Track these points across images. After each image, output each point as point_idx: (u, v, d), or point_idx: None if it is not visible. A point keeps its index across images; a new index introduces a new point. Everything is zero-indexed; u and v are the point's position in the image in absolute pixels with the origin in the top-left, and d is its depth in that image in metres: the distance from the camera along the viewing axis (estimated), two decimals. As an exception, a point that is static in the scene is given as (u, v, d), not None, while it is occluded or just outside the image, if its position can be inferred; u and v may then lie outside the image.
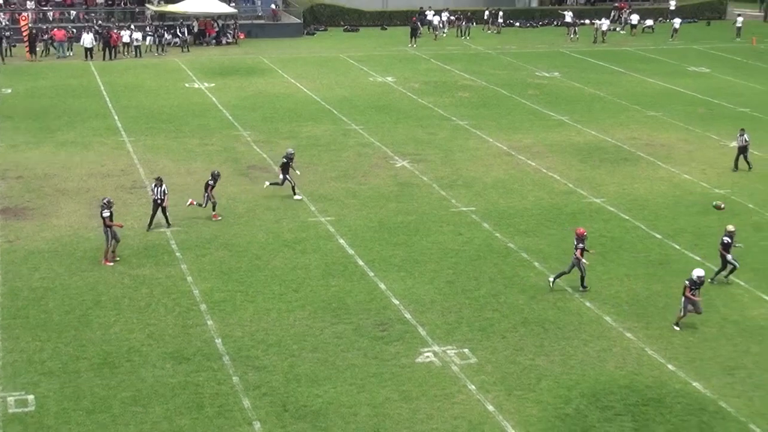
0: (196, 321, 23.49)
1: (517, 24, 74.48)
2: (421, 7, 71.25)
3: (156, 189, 28.88)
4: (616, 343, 22.77)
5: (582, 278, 25.38)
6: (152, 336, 22.66)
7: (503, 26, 72.20)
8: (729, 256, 26.16)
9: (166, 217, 29.40)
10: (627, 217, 31.39)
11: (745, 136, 36.07)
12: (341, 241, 28.86)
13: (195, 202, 30.19)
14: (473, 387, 20.70)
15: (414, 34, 64.20)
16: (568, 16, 70.52)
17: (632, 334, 23.26)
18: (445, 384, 20.82)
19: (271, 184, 32.50)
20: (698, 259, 27.91)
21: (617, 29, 72.32)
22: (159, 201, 28.93)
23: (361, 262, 27.26)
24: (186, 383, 20.58)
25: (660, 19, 75.88)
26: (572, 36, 67.37)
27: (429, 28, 68.26)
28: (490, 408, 19.95)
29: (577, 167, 36.38)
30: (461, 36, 68.40)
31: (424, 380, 20.95)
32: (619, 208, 32.18)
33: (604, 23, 67.49)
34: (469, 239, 29.24)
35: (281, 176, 32.09)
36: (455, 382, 20.89)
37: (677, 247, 28.93)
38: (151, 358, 21.61)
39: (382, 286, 25.72)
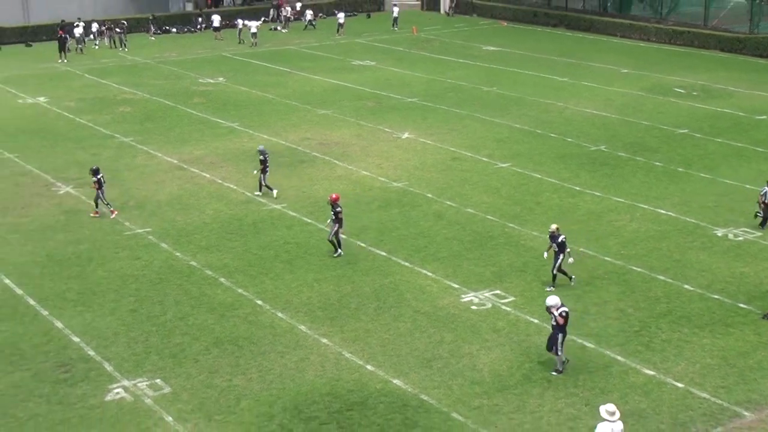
0: None
1: (174, 30, 73.92)
2: (62, 20, 68.05)
3: None
4: (314, 351, 23.25)
5: None
6: None
7: (158, 33, 71.66)
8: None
9: None
10: (310, 221, 32.06)
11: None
12: (6, 281, 27.67)
13: None
14: (170, 418, 20.52)
15: (63, 48, 62.24)
16: (216, 21, 70.63)
17: (328, 339, 23.82)
18: (140, 419, 20.50)
19: None
20: (384, 254, 29.05)
21: (278, 28, 73.69)
22: None
23: (32, 302, 26.28)
24: None
25: (321, 14, 78.00)
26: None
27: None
28: (191, 437, 19.88)
29: (254, 174, 36.47)
30: (116, 47, 67.08)
31: (116, 419, 20.52)
32: (300, 212, 32.83)
33: (253, 25, 67.59)
34: (149, 262, 28.92)
35: None
36: (150, 416, 20.61)
37: (363, 245, 29.87)
38: None
39: (59, 324, 24.92)
